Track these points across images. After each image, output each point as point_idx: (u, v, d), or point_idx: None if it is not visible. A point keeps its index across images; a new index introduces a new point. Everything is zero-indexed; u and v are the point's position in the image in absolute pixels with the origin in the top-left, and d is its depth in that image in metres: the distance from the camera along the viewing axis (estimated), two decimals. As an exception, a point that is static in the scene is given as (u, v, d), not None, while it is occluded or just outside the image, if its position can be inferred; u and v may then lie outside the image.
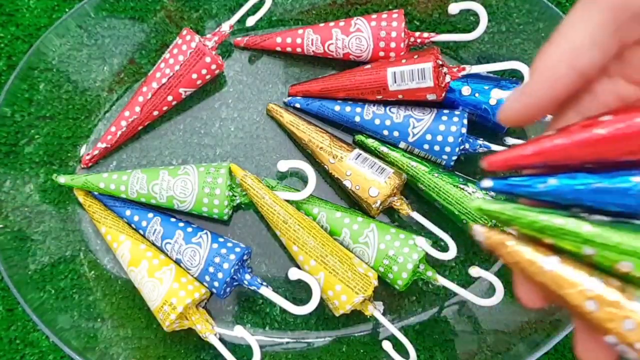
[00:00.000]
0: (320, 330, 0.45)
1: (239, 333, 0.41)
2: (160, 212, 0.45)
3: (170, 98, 0.46)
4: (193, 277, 0.42)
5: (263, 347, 0.44)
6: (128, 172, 0.44)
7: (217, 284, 0.41)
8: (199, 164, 0.45)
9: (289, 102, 0.48)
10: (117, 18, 0.47)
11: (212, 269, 0.41)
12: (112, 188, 0.44)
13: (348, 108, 0.46)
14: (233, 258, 0.41)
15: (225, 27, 0.47)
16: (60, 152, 0.46)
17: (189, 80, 0.46)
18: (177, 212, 0.45)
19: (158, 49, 0.49)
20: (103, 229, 0.45)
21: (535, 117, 0.25)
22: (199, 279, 0.42)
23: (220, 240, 0.42)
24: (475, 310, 0.44)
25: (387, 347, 0.42)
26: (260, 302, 0.45)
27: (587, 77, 0.24)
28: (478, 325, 0.44)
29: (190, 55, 0.45)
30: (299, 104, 0.48)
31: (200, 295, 0.41)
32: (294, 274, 0.39)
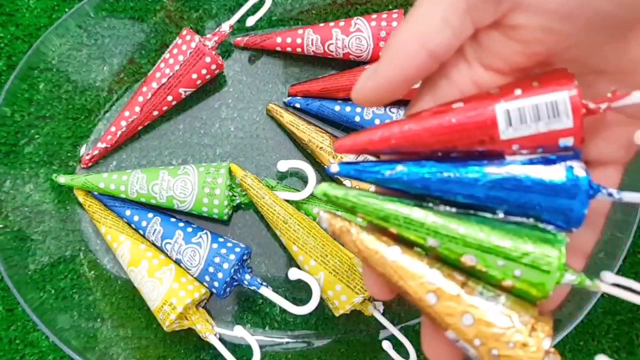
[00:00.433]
0: (320, 330, 0.45)
1: (239, 333, 0.41)
2: (160, 212, 0.45)
3: (170, 98, 0.46)
4: (193, 277, 0.42)
5: (263, 347, 0.44)
6: (128, 172, 0.44)
7: (217, 284, 0.41)
8: (199, 164, 0.45)
9: (289, 102, 0.48)
10: (117, 18, 0.47)
11: (212, 269, 0.41)
12: (112, 188, 0.44)
13: (348, 108, 0.46)
14: (233, 258, 0.41)
15: (225, 27, 0.47)
16: (60, 152, 0.46)
17: (189, 80, 0.46)
18: (177, 212, 0.45)
19: (158, 49, 0.49)
20: (103, 229, 0.45)
21: (388, 98, 0.23)
22: (199, 279, 0.42)
23: (220, 240, 0.42)
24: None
25: (387, 347, 0.42)
26: (260, 302, 0.45)
27: (439, 58, 0.22)
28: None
29: (190, 55, 0.45)
30: (299, 104, 0.48)
31: (200, 295, 0.41)
32: (294, 274, 0.39)
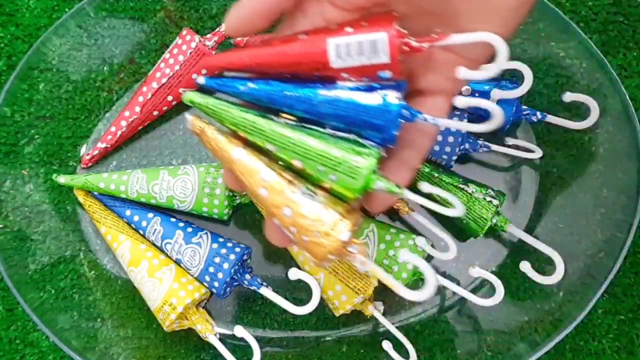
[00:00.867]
0: (320, 330, 0.45)
1: (239, 333, 0.41)
2: (160, 212, 0.45)
3: (170, 98, 0.46)
4: (193, 277, 0.42)
5: (263, 347, 0.44)
6: (128, 172, 0.44)
7: (217, 284, 0.41)
8: (199, 164, 0.45)
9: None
10: (117, 18, 0.47)
11: (212, 269, 0.41)
12: (112, 188, 0.44)
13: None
14: (233, 258, 0.41)
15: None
16: (60, 152, 0.46)
17: (189, 80, 0.46)
18: (177, 212, 0.45)
19: (158, 49, 0.49)
20: (103, 229, 0.45)
21: (253, 29, 0.26)
22: (199, 279, 0.42)
23: (220, 240, 0.42)
24: (475, 310, 0.44)
25: (387, 347, 0.42)
26: (260, 302, 0.45)
27: None
28: (478, 325, 0.44)
29: (190, 55, 0.45)
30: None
31: (200, 295, 0.41)
32: (294, 274, 0.39)
